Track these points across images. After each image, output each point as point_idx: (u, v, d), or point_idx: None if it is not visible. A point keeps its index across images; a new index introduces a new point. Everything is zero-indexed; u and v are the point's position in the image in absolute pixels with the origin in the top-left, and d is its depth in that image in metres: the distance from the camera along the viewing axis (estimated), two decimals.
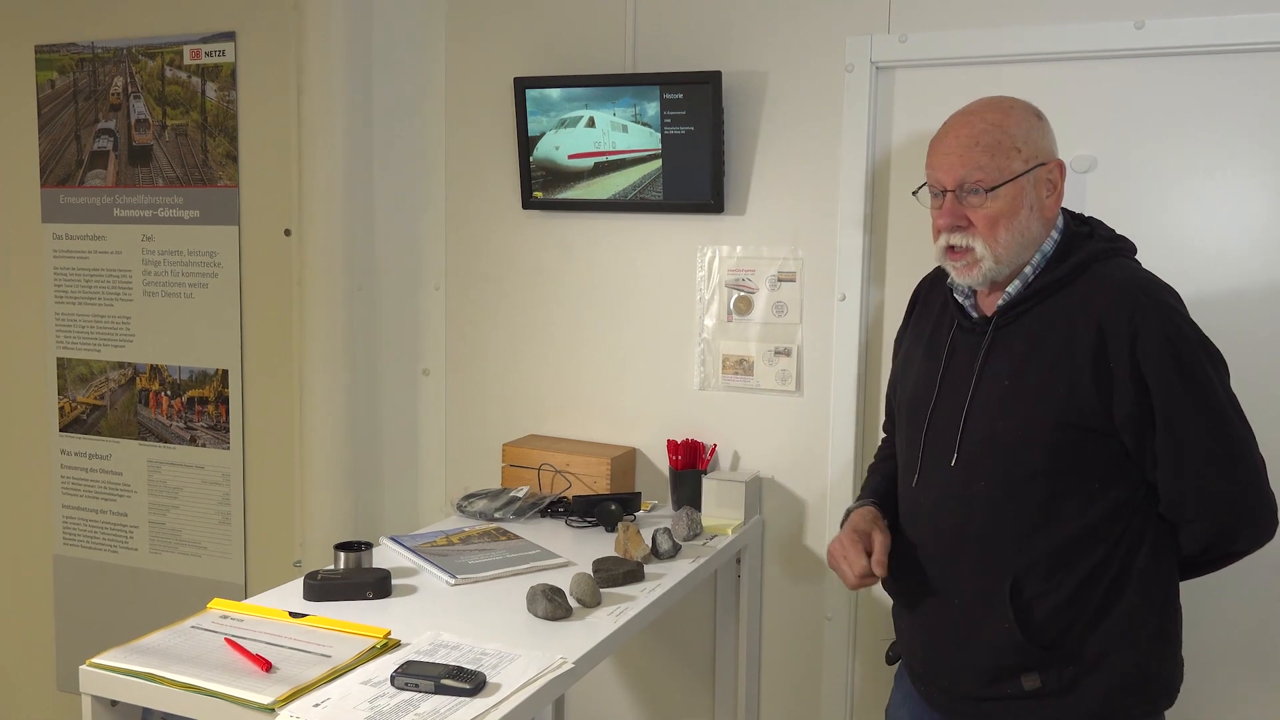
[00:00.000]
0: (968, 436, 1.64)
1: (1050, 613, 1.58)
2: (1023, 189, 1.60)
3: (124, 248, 3.06)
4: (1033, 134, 1.62)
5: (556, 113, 2.46)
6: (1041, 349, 1.59)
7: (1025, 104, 1.67)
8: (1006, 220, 1.60)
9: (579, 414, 2.61)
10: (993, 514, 1.62)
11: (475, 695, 1.46)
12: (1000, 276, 1.64)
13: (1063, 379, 1.56)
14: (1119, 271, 1.59)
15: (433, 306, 2.74)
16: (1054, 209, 1.63)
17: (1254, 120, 2.04)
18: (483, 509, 2.35)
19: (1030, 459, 1.58)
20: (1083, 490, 1.57)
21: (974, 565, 1.64)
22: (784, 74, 2.35)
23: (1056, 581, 1.58)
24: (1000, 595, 1.59)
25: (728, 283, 2.44)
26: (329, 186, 2.61)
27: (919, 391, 1.75)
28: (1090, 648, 1.58)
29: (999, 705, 1.63)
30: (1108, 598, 1.57)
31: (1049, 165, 1.62)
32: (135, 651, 1.57)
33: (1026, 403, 1.59)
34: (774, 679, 2.48)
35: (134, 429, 3.11)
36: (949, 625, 1.67)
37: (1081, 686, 1.58)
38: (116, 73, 3.01)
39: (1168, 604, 1.63)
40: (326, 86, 2.58)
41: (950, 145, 1.64)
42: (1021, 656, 1.59)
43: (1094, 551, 1.57)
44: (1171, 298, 1.58)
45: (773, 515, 2.44)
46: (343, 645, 1.61)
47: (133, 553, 3.13)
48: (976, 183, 1.60)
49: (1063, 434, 1.56)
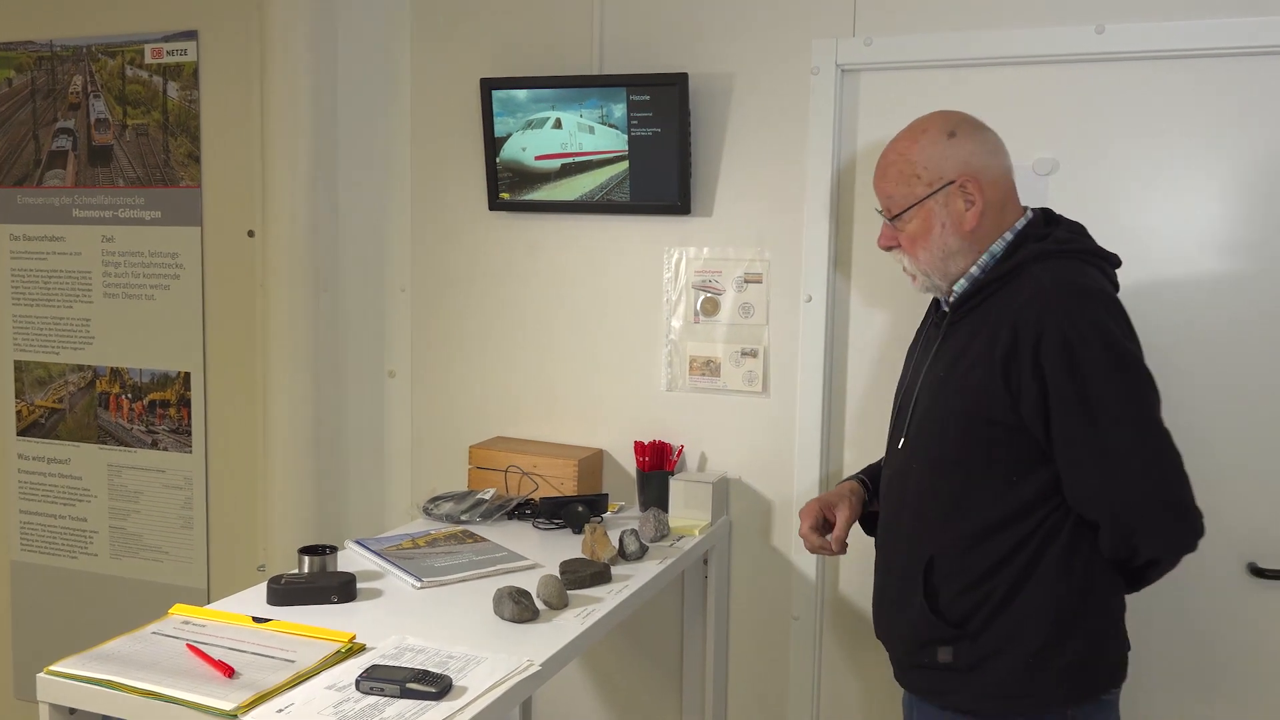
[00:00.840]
0: (912, 421, 1.76)
1: (955, 594, 1.67)
2: (931, 210, 1.70)
3: (83, 249, 3.02)
4: (936, 156, 1.70)
5: (523, 114, 2.46)
6: (972, 344, 1.67)
7: (941, 123, 1.73)
8: (922, 239, 1.72)
9: (546, 416, 2.61)
10: (920, 496, 1.73)
11: (441, 699, 1.45)
12: (946, 283, 1.74)
13: (979, 373, 1.63)
14: (1048, 273, 1.63)
15: (398, 308, 2.72)
16: (975, 220, 1.68)
17: (1210, 123, 2.07)
18: (449, 511, 2.34)
19: (949, 448, 1.68)
20: (997, 481, 1.64)
21: (906, 542, 1.75)
22: (750, 76, 2.36)
23: (966, 564, 1.67)
24: (918, 572, 1.70)
25: (694, 284, 2.45)
26: (293, 187, 2.59)
27: (901, 377, 1.89)
28: (996, 631, 1.65)
29: (920, 673, 1.75)
30: (1014, 586, 1.64)
31: (957, 182, 1.68)
32: (94, 658, 1.55)
33: (949, 393, 1.69)
34: (741, 679, 2.49)
35: (94, 433, 3.06)
36: (888, 594, 1.81)
37: (987, 665, 1.66)
38: (76, 71, 2.97)
39: (1085, 596, 1.64)
40: (290, 86, 2.56)
41: (875, 175, 1.79)
42: (935, 631, 1.69)
43: (1005, 540, 1.64)
44: (1091, 302, 1.59)
45: (740, 516, 2.45)
46: (307, 650, 1.60)
47: (92, 558, 3.08)
48: (888, 210, 1.76)
49: (974, 425, 1.65)
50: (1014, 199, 1.74)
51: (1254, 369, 2.08)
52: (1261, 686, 2.12)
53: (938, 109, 1.79)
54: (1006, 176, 1.73)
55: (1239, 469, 2.05)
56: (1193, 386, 1.71)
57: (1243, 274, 2.08)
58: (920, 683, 1.76)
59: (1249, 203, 2.07)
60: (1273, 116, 2.04)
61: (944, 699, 1.72)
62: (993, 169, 1.70)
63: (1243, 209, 2.07)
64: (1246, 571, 2.10)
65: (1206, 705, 2.15)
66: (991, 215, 1.70)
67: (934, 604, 1.69)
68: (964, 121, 1.73)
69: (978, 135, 1.72)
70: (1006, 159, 1.74)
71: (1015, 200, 1.75)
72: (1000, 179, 1.71)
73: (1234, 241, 2.08)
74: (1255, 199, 2.06)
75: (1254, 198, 2.06)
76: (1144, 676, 2.06)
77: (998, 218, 1.70)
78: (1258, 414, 2.08)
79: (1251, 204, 2.06)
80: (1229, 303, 2.09)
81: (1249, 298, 2.08)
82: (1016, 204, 1.75)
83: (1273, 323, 2.06)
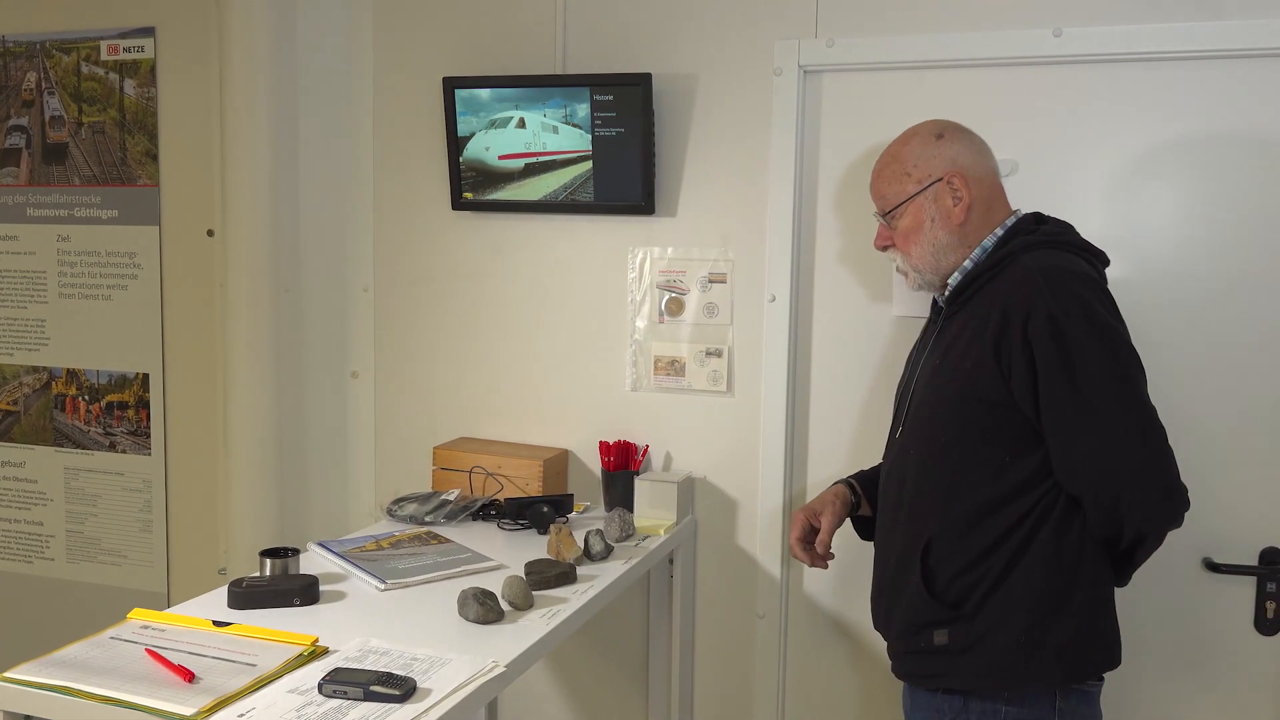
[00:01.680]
0: (910, 410, 1.83)
1: (953, 575, 1.71)
2: (922, 206, 1.80)
3: (38, 248, 2.97)
4: (925, 155, 1.80)
5: (486, 113, 2.45)
6: (965, 331, 1.73)
7: (931, 126, 1.84)
8: (915, 235, 1.81)
9: (510, 416, 2.60)
10: (918, 481, 1.77)
11: (405, 701, 1.44)
12: (939, 278, 1.82)
13: (972, 355, 1.69)
14: (1034, 259, 1.69)
15: (361, 308, 2.70)
16: (962, 214, 1.77)
17: (1165, 124, 2.11)
18: (413, 513, 2.32)
19: (944, 430, 1.73)
20: (993, 462, 1.69)
21: (904, 527, 1.79)
22: (714, 77, 2.37)
23: (963, 546, 1.70)
24: (915, 555, 1.74)
25: (659, 284, 2.45)
26: (253, 186, 2.56)
27: (903, 372, 1.96)
28: (989, 611, 1.69)
29: (916, 658, 1.78)
30: (1007, 566, 1.68)
31: (945, 179, 1.78)
32: (51, 664, 1.53)
33: (944, 378, 1.75)
34: (707, 678, 2.50)
35: (49, 435, 3.01)
36: (886, 581, 1.84)
37: (980, 646, 1.69)
38: (30, 68, 2.92)
39: (1074, 577, 1.67)
40: (249, 84, 2.53)
41: (870, 179, 1.89)
42: (932, 613, 1.72)
43: (1000, 521, 1.68)
44: (1076, 282, 1.66)
45: (705, 515, 2.46)
46: (269, 654, 1.58)
47: (49, 563, 3.03)
48: (881, 209, 1.86)
49: (968, 407, 1.70)
50: (1001, 198, 1.83)
51: (1207, 368, 2.12)
52: (1217, 670, 2.16)
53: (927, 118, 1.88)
54: (993, 176, 1.82)
55: (1198, 468, 2.08)
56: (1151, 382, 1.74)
57: (1198, 272, 2.12)
58: (915, 668, 1.79)
59: (1204, 202, 2.10)
60: (1227, 118, 2.07)
61: (936, 681, 1.75)
62: (978, 167, 1.80)
63: (1197, 208, 2.11)
64: (1202, 566, 2.14)
65: (1169, 686, 2.19)
66: (979, 211, 1.78)
67: (931, 587, 1.72)
68: (951, 126, 1.84)
69: (964, 138, 1.82)
70: (992, 160, 1.84)
71: (1003, 200, 1.83)
72: (986, 177, 1.81)
73: (1190, 240, 2.12)
74: (1210, 198, 2.10)
75: (1209, 197, 2.10)
76: None
77: (985, 214, 1.79)
78: (1214, 414, 2.12)
79: (1206, 203, 2.10)
80: (1184, 301, 2.12)
81: (1204, 296, 2.12)
82: (1005, 204, 1.83)
83: (1229, 321, 2.10)
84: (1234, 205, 2.09)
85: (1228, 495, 2.12)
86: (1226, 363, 2.11)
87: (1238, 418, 2.11)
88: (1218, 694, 2.17)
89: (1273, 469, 2.11)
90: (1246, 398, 2.11)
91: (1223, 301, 2.10)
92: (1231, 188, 2.09)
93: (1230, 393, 2.12)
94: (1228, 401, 2.12)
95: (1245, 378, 2.11)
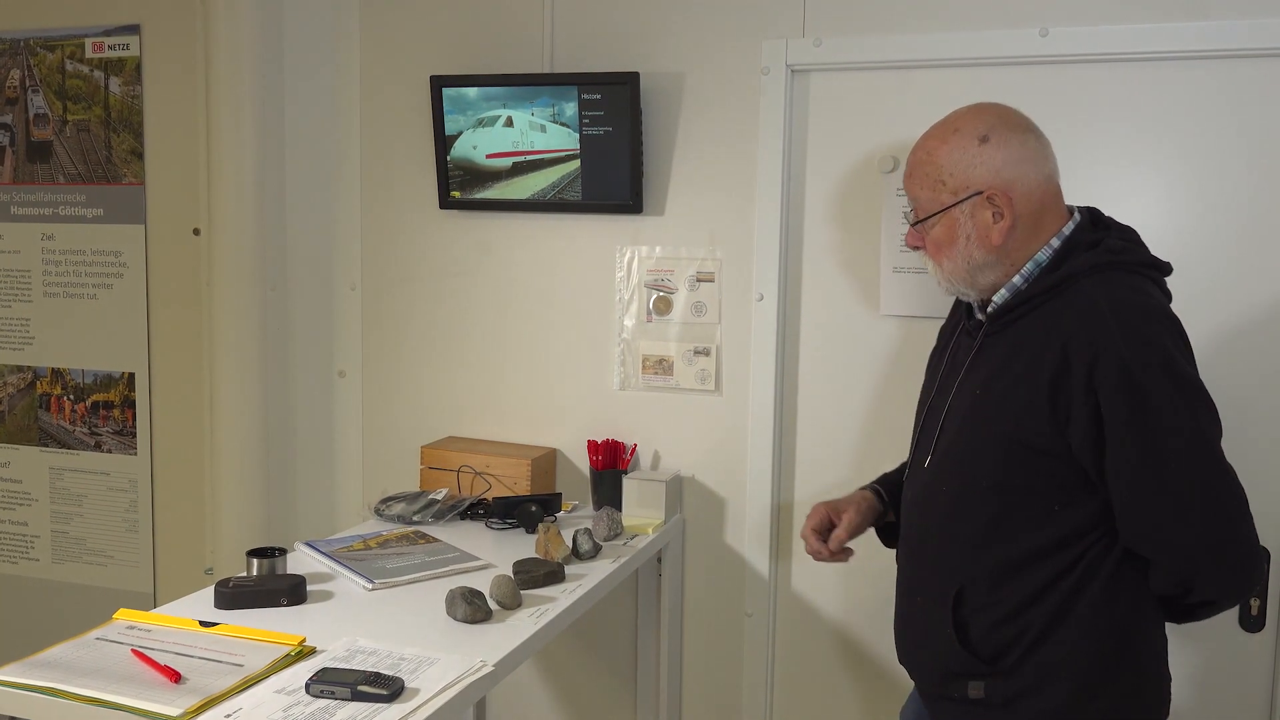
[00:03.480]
0: (941, 439, 1.64)
1: (988, 628, 1.57)
2: (956, 220, 1.58)
3: (22, 247, 2.95)
4: (964, 161, 1.57)
5: (474, 112, 2.44)
6: (1013, 362, 1.54)
7: (977, 123, 1.59)
8: (946, 248, 1.60)
9: (498, 415, 2.60)
10: (950, 520, 1.61)
11: (393, 701, 1.44)
12: (976, 292, 1.63)
13: (1022, 396, 1.51)
14: (1100, 289, 1.50)
15: (348, 307, 2.69)
16: (1002, 236, 1.56)
17: (1151, 124, 2.12)
18: (401, 512, 2.32)
19: (984, 471, 1.56)
20: (1038, 511, 1.53)
21: (931, 568, 1.64)
22: (701, 76, 2.37)
23: (998, 597, 1.56)
24: (945, 603, 1.59)
25: (647, 283, 2.45)
26: (239, 184, 2.55)
27: (926, 388, 1.78)
28: (1030, 668, 1.55)
29: (951, 705, 1.64)
30: (1051, 621, 1.54)
31: (985, 193, 1.55)
32: (36, 665, 1.52)
33: (987, 414, 1.56)
34: (695, 676, 2.50)
35: (34, 435, 3.00)
36: (915, 620, 1.69)
37: (1021, 704, 1.56)
38: (13, 65, 2.90)
39: (1129, 635, 1.55)
40: (235, 81, 2.52)
41: (904, 171, 1.67)
42: (965, 665, 1.58)
43: (1041, 573, 1.54)
44: (1151, 323, 1.49)
45: (693, 514, 2.46)
46: (256, 654, 1.58)
47: (34, 563, 3.02)
48: (914, 212, 1.64)
49: (1014, 451, 1.53)
50: (1055, 206, 1.60)
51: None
52: (1202, 666, 2.18)
53: (979, 102, 1.66)
54: (1046, 185, 1.59)
55: None
56: None
57: (1185, 271, 2.13)
58: (950, 713, 1.65)
59: (1190, 201, 2.12)
60: (1214, 118, 2.09)
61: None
62: (1028, 179, 1.57)
63: (1184, 208, 2.12)
64: None
65: None
66: (1024, 228, 1.57)
67: (964, 637, 1.58)
68: (1000, 124, 1.59)
69: (1014, 140, 1.58)
70: (1047, 164, 1.61)
71: (1057, 206, 1.61)
72: (1037, 189, 1.57)
73: (1176, 239, 2.13)
74: (1197, 197, 2.11)
75: (1195, 196, 2.11)
76: None
77: (1032, 230, 1.57)
78: None
79: (1192, 202, 2.11)
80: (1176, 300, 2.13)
81: (1192, 294, 2.12)
82: (1059, 210, 1.61)
83: (1216, 319, 2.11)
84: (1221, 204, 2.10)
85: None
86: (1213, 362, 2.12)
87: (1228, 416, 2.12)
88: (1203, 691, 2.18)
89: (1260, 465, 2.12)
90: (1237, 395, 2.11)
91: (1211, 299, 2.11)
92: (1218, 187, 2.10)
93: (1220, 391, 2.12)
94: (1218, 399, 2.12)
95: (1233, 377, 2.11)
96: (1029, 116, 1.63)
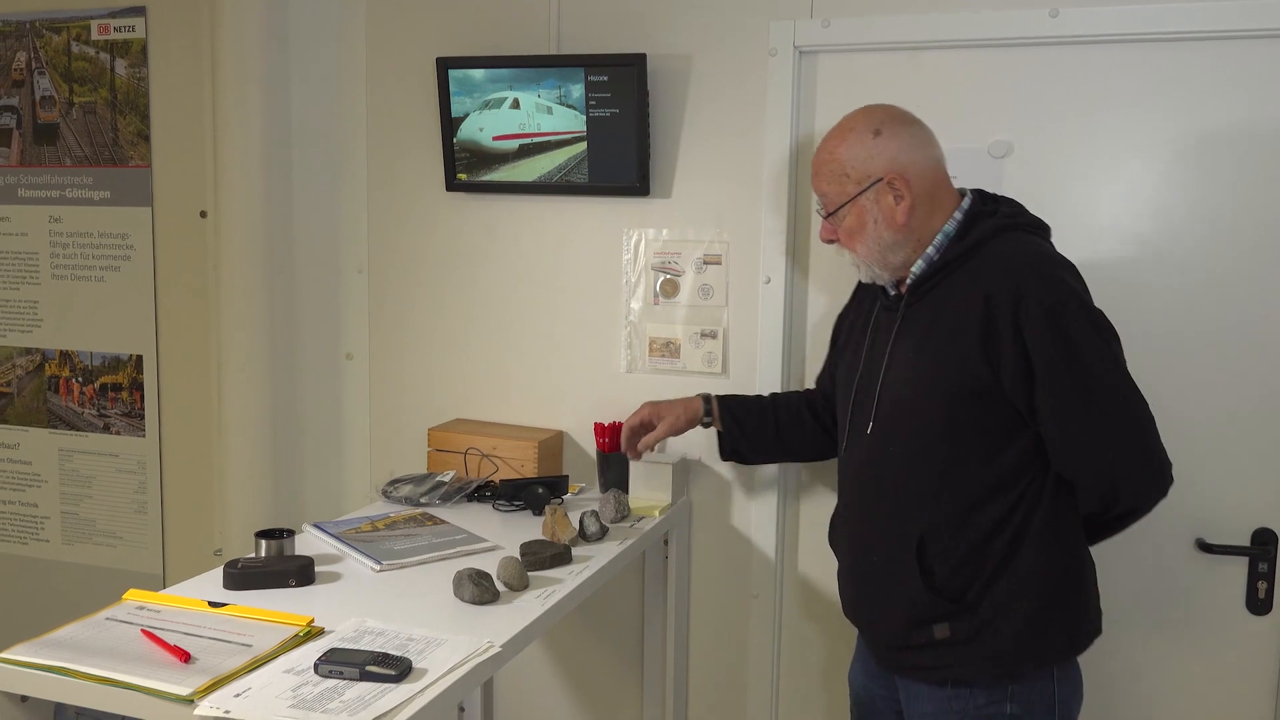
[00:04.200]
0: (881, 406, 1.78)
1: (952, 569, 1.71)
2: (863, 208, 1.75)
3: (30, 229, 2.95)
4: (863, 154, 1.74)
5: (480, 94, 2.44)
6: (940, 322, 1.71)
7: (867, 121, 1.77)
8: (858, 234, 1.77)
9: (505, 397, 2.60)
10: (902, 478, 1.75)
11: (401, 681, 1.44)
12: (889, 273, 1.79)
13: (956, 349, 1.67)
14: (1010, 246, 1.70)
15: (355, 290, 2.70)
16: (905, 215, 1.73)
17: (1160, 106, 2.10)
18: (408, 494, 2.32)
19: (931, 426, 1.71)
20: (981, 453, 1.69)
21: (888, 525, 1.77)
22: (708, 57, 2.35)
23: (958, 539, 1.70)
24: (909, 553, 1.73)
25: (654, 265, 2.45)
26: (245, 167, 2.55)
27: (849, 367, 1.91)
28: (991, 600, 1.70)
29: (916, 653, 1.76)
30: (1007, 554, 1.69)
31: (885, 179, 1.73)
32: (46, 645, 1.53)
33: (927, 373, 1.72)
34: (701, 657, 2.51)
35: (43, 417, 3.01)
36: (871, 579, 1.82)
37: (984, 635, 1.70)
38: (19, 47, 2.90)
39: (1070, 558, 1.74)
40: (241, 63, 2.52)
41: (810, 173, 1.85)
42: (931, 609, 1.72)
43: (993, 510, 1.69)
44: (1059, 269, 1.67)
45: (700, 496, 2.46)
46: (264, 634, 1.59)
47: (44, 544, 3.04)
48: (825, 207, 1.81)
49: (957, 401, 1.68)
50: (946, 186, 1.79)
51: (1205, 347, 2.12)
52: (1209, 648, 2.18)
53: (865, 105, 1.82)
54: (936, 167, 1.77)
55: (1190, 450, 2.08)
56: (1140, 363, 1.74)
57: (1194, 252, 2.12)
58: (915, 662, 1.78)
59: (1200, 183, 2.10)
60: (1223, 99, 2.07)
61: (942, 674, 1.74)
62: (920, 163, 1.75)
63: (1194, 189, 2.11)
64: (1195, 547, 2.15)
65: (1163, 664, 2.21)
66: (923, 206, 1.74)
67: (930, 582, 1.72)
68: (890, 118, 1.77)
69: (904, 131, 1.76)
70: (935, 149, 1.78)
71: (948, 185, 1.79)
72: (929, 171, 1.76)
73: (1186, 221, 2.12)
74: (1206, 179, 2.10)
75: (1204, 178, 2.10)
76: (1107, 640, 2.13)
77: (930, 208, 1.75)
78: (1208, 394, 2.12)
79: (1202, 184, 2.10)
80: (1180, 282, 2.13)
81: (1201, 276, 2.12)
82: (950, 189, 1.79)
83: (1224, 302, 2.10)
84: (1231, 185, 2.09)
85: (1220, 476, 2.13)
86: (1221, 343, 2.12)
87: (1231, 398, 2.12)
88: (1211, 673, 2.18)
89: (1265, 450, 2.11)
90: (1240, 378, 2.11)
91: (1219, 283, 2.10)
92: (1228, 168, 2.08)
93: (1224, 373, 2.12)
94: (1222, 382, 2.12)
95: (1240, 359, 2.11)
96: (910, 110, 1.80)
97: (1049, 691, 1.73)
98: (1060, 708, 1.74)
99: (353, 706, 1.37)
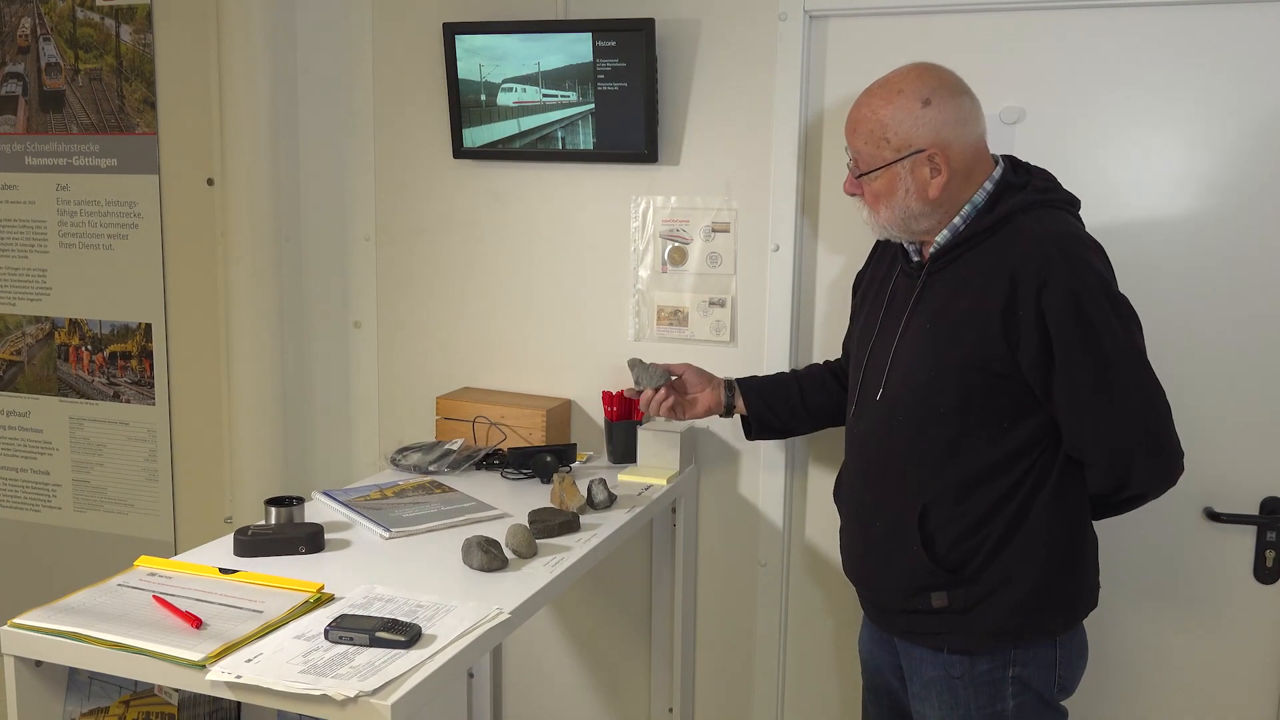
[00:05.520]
0: (893, 373, 1.77)
1: (953, 540, 1.72)
2: (897, 175, 1.70)
3: (37, 197, 2.95)
4: (907, 122, 1.68)
5: (489, 57, 2.41)
6: (961, 296, 1.69)
7: (919, 86, 1.69)
8: (885, 200, 1.73)
9: (513, 366, 2.60)
10: (909, 446, 1.75)
11: (411, 647, 1.45)
12: (909, 237, 1.78)
13: (975, 325, 1.66)
14: (1039, 224, 1.66)
15: (363, 258, 2.69)
16: (939, 190, 1.69)
17: (1176, 73, 2.08)
18: (417, 462, 2.33)
19: (942, 398, 1.70)
20: (990, 428, 1.69)
21: (893, 492, 1.78)
22: (717, 22, 2.33)
23: (961, 511, 1.71)
24: (911, 520, 1.73)
25: (662, 233, 2.44)
26: (252, 134, 2.54)
27: (864, 330, 1.89)
28: (991, 573, 1.71)
29: (914, 618, 1.79)
30: (1009, 529, 1.69)
31: (926, 152, 1.68)
32: (59, 611, 1.54)
33: (941, 345, 1.70)
34: (709, 625, 2.52)
35: (54, 385, 3.02)
36: (874, 544, 1.83)
37: (982, 606, 1.72)
38: (24, 14, 2.88)
39: (1073, 535, 1.74)
40: (247, 29, 2.50)
41: (846, 125, 1.78)
42: (930, 577, 1.74)
43: (998, 486, 1.69)
44: (1087, 251, 1.64)
45: (707, 465, 2.47)
46: (275, 600, 1.60)
47: (56, 511, 3.06)
48: (855, 164, 1.77)
49: (971, 376, 1.67)
50: (983, 158, 1.74)
51: (1215, 316, 2.11)
52: (1217, 617, 2.18)
53: (917, 62, 1.75)
54: (978, 143, 1.73)
55: (1199, 419, 2.08)
56: (1152, 332, 1.74)
57: (1208, 220, 2.10)
58: (913, 626, 1.80)
59: (1215, 149, 2.08)
60: (1240, 64, 2.04)
61: (939, 640, 1.77)
62: (964, 139, 1.70)
63: (1208, 155, 2.08)
64: (1203, 516, 2.15)
65: (1170, 633, 2.21)
66: (957, 181, 1.70)
67: (931, 551, 1.73)
68: (941, 86, 1.70)
69: (953, 103, 1.69)
70: (981, 124, 1.73)
71: (985, 158, 1.75)
72: (970, 147, 1.71)
73: (1200, 187, 2.10)
74: (1222, 146, 2.07)
75: (1220, 144, 2.07)
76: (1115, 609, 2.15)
77: (963, 182, 1.71)
78: (1218, 362, 2.11)
79: (1217, 150, 2.08)
80: (1192, 251, 2.11)
81: (1213, 245, 2.10)
82: (986, 161, 1.75)
83: (1236, 269, 2.09)
84: (1248, 153, 2.06)
85: (1228, 445, 2.12)
86: (1231, 312, 2.10)
87: (1241, 367, 2.11)
88: (1218, 642, 2.19)
89: (1274, 418, 2.10)
90: (1250, 348, 2.10)
91: (1233, 251, 2.08)
92: (1244, 134, 2.06)
93: (1233, 343, 2.11)
94: (1231, 352, 2.11)
95: (1250, 327, 2.10)
96: (963, 78, 1.74)
97: (1051, 657, 1.75)
98: (1062, 670, 1.76)
99: (363, 672, 1.38)
